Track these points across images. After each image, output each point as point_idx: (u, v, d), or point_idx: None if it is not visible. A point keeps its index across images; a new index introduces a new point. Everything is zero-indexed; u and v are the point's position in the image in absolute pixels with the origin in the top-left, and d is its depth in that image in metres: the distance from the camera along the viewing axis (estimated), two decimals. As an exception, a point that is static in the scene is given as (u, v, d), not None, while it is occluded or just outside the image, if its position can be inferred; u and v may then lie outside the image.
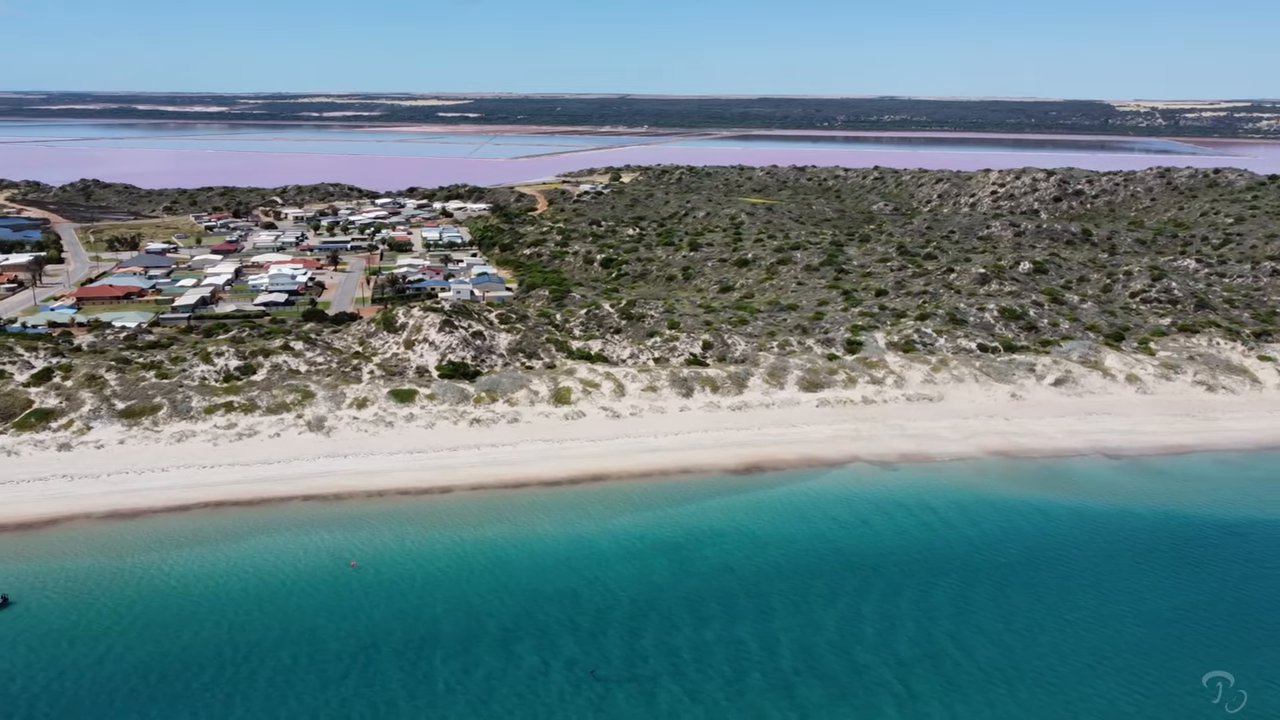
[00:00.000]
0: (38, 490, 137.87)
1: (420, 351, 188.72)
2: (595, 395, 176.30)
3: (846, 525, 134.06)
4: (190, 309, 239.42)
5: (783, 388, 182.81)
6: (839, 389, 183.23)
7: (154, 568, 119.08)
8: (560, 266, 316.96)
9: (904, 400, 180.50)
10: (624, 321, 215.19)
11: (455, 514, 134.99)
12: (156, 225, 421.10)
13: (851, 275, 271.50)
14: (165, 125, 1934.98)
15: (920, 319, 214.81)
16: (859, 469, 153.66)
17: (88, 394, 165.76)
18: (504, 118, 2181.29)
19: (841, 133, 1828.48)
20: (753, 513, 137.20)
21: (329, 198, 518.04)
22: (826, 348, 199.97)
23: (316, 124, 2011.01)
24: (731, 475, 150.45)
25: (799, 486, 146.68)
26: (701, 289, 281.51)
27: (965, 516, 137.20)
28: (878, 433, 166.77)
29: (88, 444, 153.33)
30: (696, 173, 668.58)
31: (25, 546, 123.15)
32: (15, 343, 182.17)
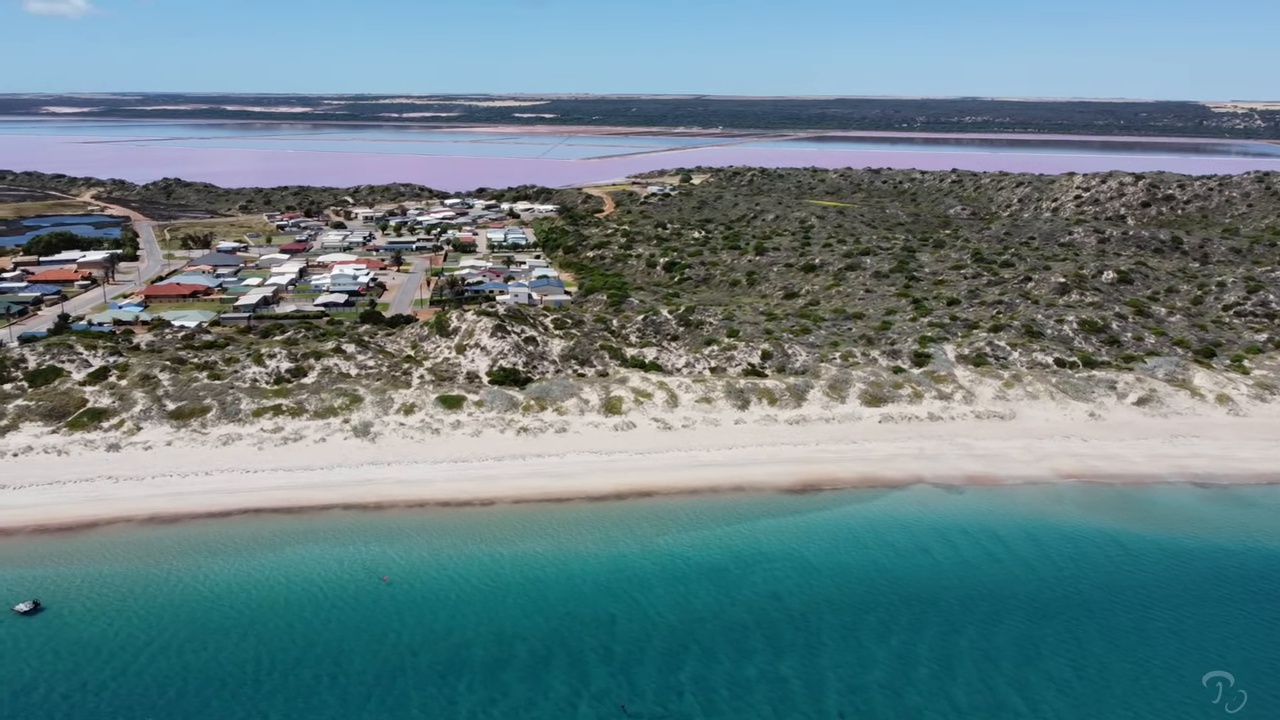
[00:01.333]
0: (82, 491, 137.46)
1: (471, 356, 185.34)
2: (647, 405, 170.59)
3: (905, 553, 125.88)
4: (251, 309, 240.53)
5: (844, 401, 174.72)
6: (903, 404, 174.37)
7: (188, 576, 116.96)
8: (623, 270, 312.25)
9: (973, 418, 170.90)
10: (682, 328, 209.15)
11: (494, 528, 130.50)
12: (231, 224, 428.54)
13: (923, 283, 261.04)
14: (252, 125, 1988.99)
15: (994, 330, 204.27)
16: (921, 491, 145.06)
17: (140, 394, 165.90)
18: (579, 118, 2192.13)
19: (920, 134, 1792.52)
20: (805, 536, 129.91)
21: (399, 198, 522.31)
22: (892, 360, 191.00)
23: (396, 124, 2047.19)
24: (785, 494, 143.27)
25: (856, 509, 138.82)
26: (765, 295, 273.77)
27: (1035, 547, 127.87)
28: (943, 452, 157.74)
29: (136, 445, 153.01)
30: (768, 174, 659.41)
31: (63, 550, 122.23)
32: (77, 341, 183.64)
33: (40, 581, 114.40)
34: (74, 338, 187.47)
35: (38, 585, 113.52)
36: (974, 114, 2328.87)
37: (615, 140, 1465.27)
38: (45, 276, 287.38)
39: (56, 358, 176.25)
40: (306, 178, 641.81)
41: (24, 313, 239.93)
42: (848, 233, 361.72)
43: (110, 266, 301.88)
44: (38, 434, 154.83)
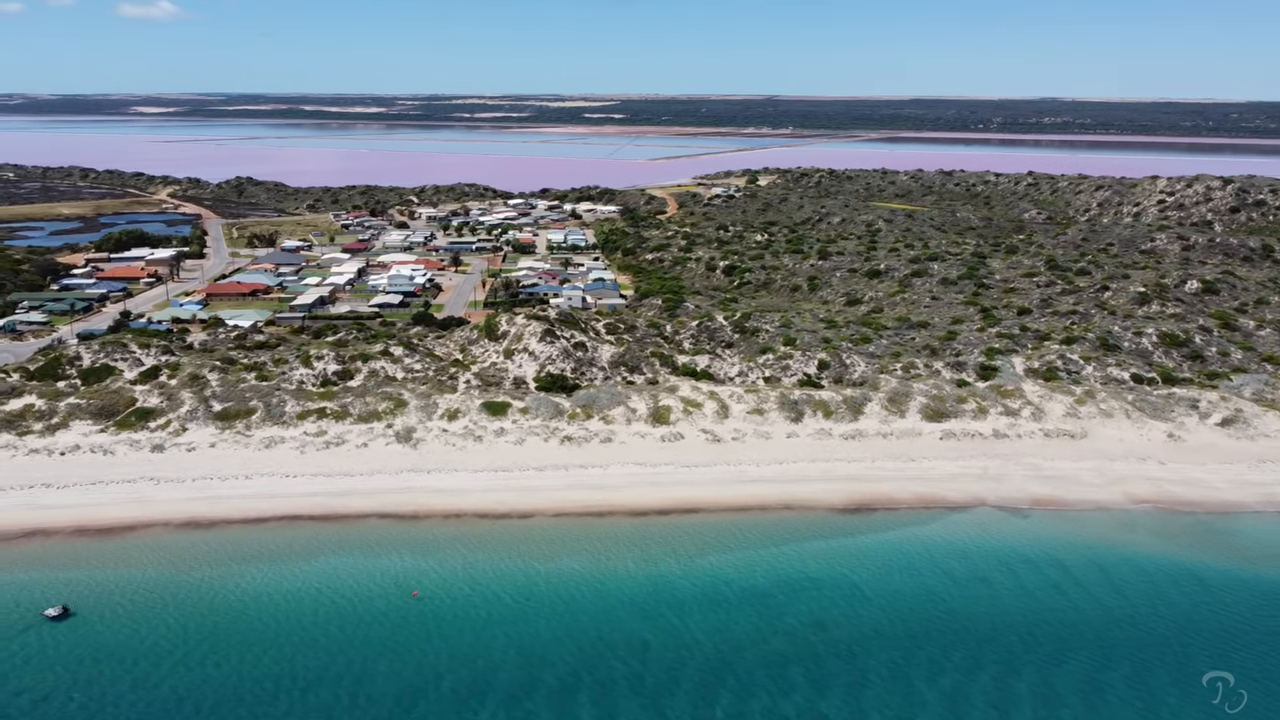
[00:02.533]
0: (124, 493, 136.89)
1: (519, 361, 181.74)
2: (696, 416, 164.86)
3: (962, 582, 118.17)
4: (307, 308, 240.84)
5: (903, 416, 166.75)
6: (967, 420, 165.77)
7: (218, 584, 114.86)
8: (681, 273, 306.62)
9: (1041, 436, 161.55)
10: (737, 335, 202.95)
11: (531, 543, 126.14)
12: (297, 222, 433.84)
13: (992, 291, 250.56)
14: (328, 125, 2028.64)
15: (1066, 343, 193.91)
16: (983, 514, 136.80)
17: (188, 394, 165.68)
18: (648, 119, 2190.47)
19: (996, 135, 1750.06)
20: (856, 560, 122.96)
21: (464, 198, 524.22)
22: (956, 372, 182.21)
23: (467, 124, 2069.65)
24: (837, 514, 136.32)
25: (912, 532, 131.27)
26: (827, 301, 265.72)
27: (1105, 579, 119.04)
28: (1008, 472, 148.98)
29: (180, 446, 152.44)
30: (836, 176, 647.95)
31: (99, 553, 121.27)
32: (132, 339, 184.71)
33: (73, 585, 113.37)
34: (129, 336, 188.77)
35: (70, 589, 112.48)
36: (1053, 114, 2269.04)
37: (683, 141, 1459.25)
38: (113, 273, 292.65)
39: (110, 356, 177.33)
40: (375, 177, 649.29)
41: (89, 309, 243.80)
42: (916, 237, 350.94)
43: (175, 264, 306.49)
44: (86, 433, 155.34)
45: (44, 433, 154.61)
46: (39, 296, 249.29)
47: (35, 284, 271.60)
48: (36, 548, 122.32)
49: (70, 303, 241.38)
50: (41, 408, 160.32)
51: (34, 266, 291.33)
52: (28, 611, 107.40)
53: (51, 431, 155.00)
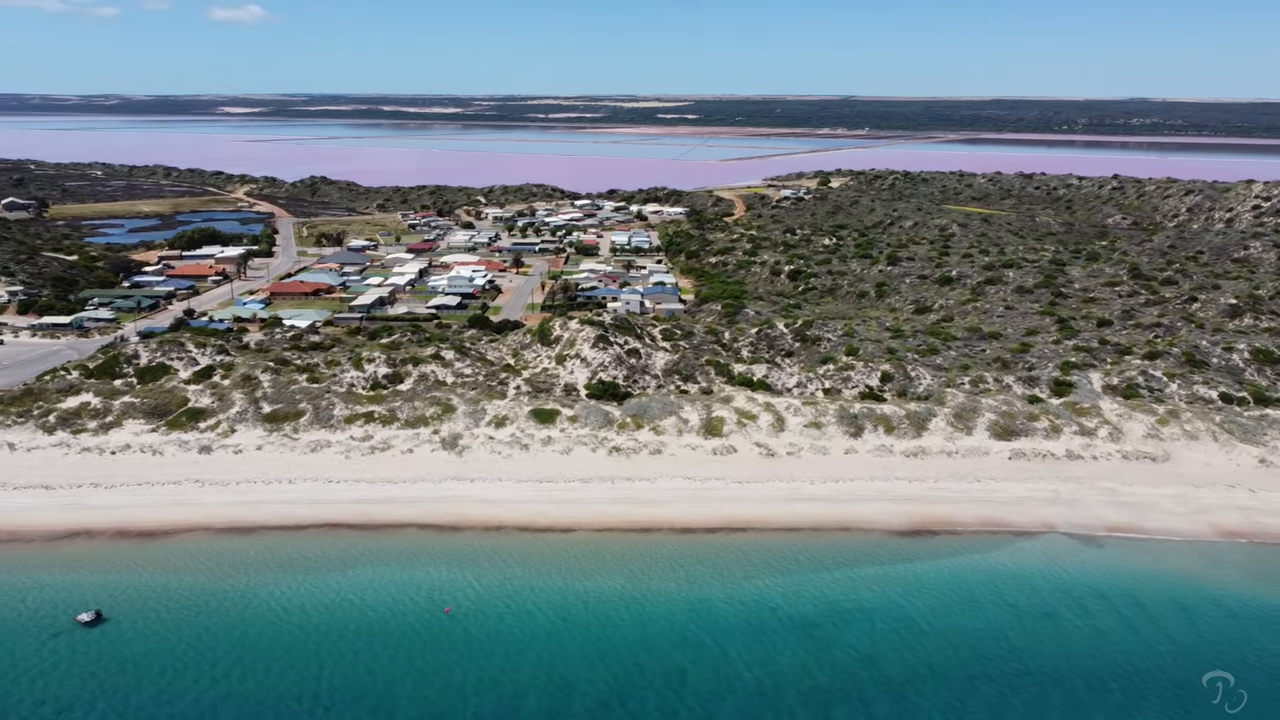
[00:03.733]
0: (168, 495, 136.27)
1: (571, 368, 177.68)
2: (751, 428, 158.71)
3: (1027, 616, 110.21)
4: (366, 309, 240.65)
5: (970, 433, 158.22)
6: (1038, 439, 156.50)
7: (252, 593, 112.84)
8: (745, 277, 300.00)
9: (1118, 458, 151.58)
10: (798, 344, 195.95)
11: (571, 559, 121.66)
12: (366, 221, 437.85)
13: (1070, 300, 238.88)
14: (405, 125, 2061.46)
15: (1149, 357, 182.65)
16: (1052, 541, 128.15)
17: (240, 395, 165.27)
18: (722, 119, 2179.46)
19: (1081, 137, 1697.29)
20: (912, 589, 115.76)
21: (531, 198, 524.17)
22: (1028, 387, 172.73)
23: (541, 125, 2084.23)
24: (895, 537, 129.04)
25: (974, 559, 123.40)
26: (895, 308, 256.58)
27: (1185, 618, 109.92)
28: (1081, 496, 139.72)
29: (227, 447, 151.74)
30: (911, 178, 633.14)
31: (137, 556, 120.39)
32: (189, 339, 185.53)
33: (108, 589, 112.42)
34: (187, 335, 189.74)
35: (106, 593, 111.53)
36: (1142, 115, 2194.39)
37: (755, 142, 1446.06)
38: (183, 271, 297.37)
39: (167, 355, 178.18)
40: (445, 177, 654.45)
41: (155, 307, 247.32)
42: (991, 242, 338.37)
43: (243, 262, 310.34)
44: (138, 432, 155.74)
45: (97, 431, 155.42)
46: (109, 293, 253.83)
47: (108, 281, 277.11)
48: (78, 549, 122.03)
49: (137, 300, 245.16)
50: (97, 406, 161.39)
51: (108, 263, 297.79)
52: (61, 615, 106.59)
53: (105, 430, 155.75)
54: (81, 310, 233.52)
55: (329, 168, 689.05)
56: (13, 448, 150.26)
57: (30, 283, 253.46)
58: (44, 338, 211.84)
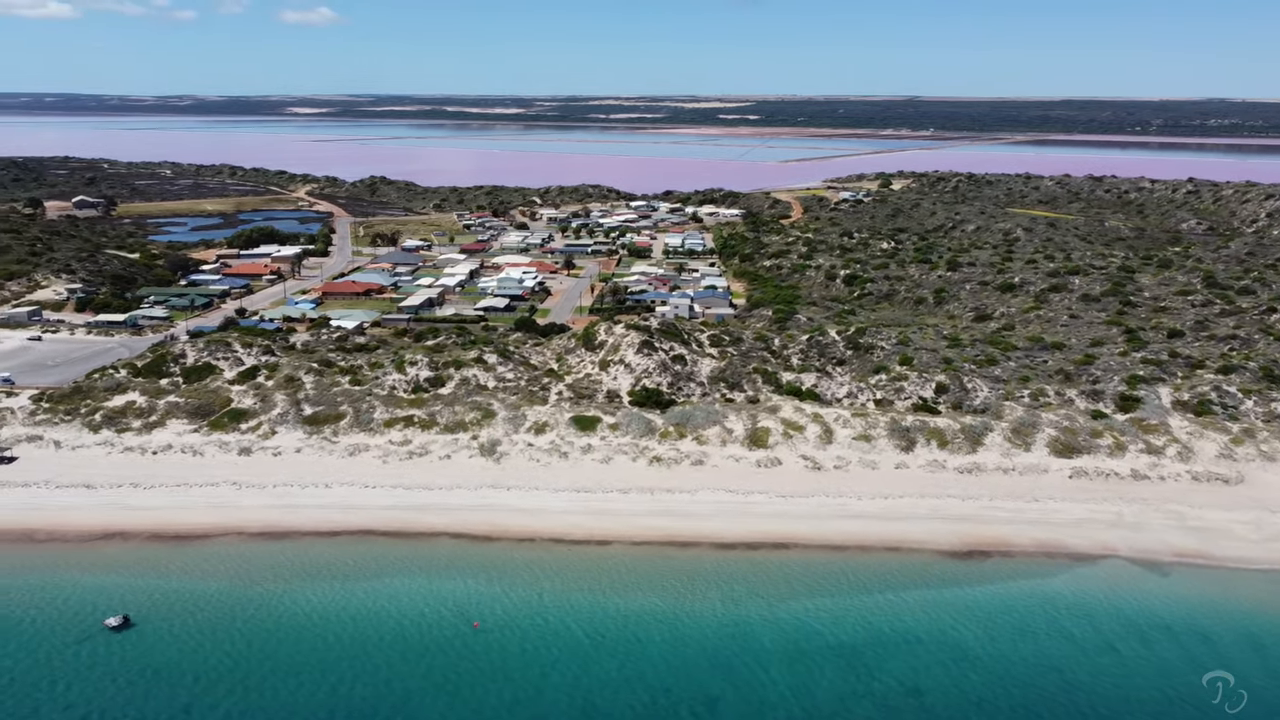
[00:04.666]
0: (205, 497, 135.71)
1: (614, 374, 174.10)
2: (797, 440, 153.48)
3: (1085, 648, 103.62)
4: (414, 310, 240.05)
5: (1028, 449, 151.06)
6: (1101, 457, 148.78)
7: (281, 601, 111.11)
8: (799, 282, 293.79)
9: (1188, 479, 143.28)
10: (850, 352, 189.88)
11: (606, 573, 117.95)
12: (422, 221, 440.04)
13: (1140, 309, 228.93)
14: (468, 126, 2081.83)
15: (1223, 372, 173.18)
16: (1114, 568, 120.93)
17: (282, 396, 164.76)
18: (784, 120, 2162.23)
19: (1155, 138, 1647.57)
20: (962, 615, 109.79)
21: (586, 199, 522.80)
22: (1092, 401, 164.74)
23: (602, 125, 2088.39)
24: (945, 559, 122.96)
25: (1029, 584, 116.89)
26: (953, 316, 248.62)
27: (1259, 657, 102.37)
28: (1146, 520, 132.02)
29: (267, 450, 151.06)
30: (975, 180, 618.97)
31: (170, 560, 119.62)
32: (236, 338, 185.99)
33: (139, 593, 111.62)
34: (235, 334, 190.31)
35: (136, 597, 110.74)
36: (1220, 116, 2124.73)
37: (817, 143, 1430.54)
38: (239, 270, 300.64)
39: (214, 354, 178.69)
40: (503, 177, 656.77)
41: (209, 305, 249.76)
42: (1057, 247, 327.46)
43: (297, 262, 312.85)
44: (180, 432, 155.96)
45: (141, 430, 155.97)
46: (165, 291, 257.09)
47: (165, 279, 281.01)
48: (113, 550, 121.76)
49: (191, 298, 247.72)
50: (142, 405, 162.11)
51: (167, 261, 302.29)
52: (89, 619, 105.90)
53: (148, 430, 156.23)
54: (137, 308, 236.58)
55: (389, 168, 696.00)
56: (58, 445, 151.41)
57: (90, 280, 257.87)
58: (98, 335, 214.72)
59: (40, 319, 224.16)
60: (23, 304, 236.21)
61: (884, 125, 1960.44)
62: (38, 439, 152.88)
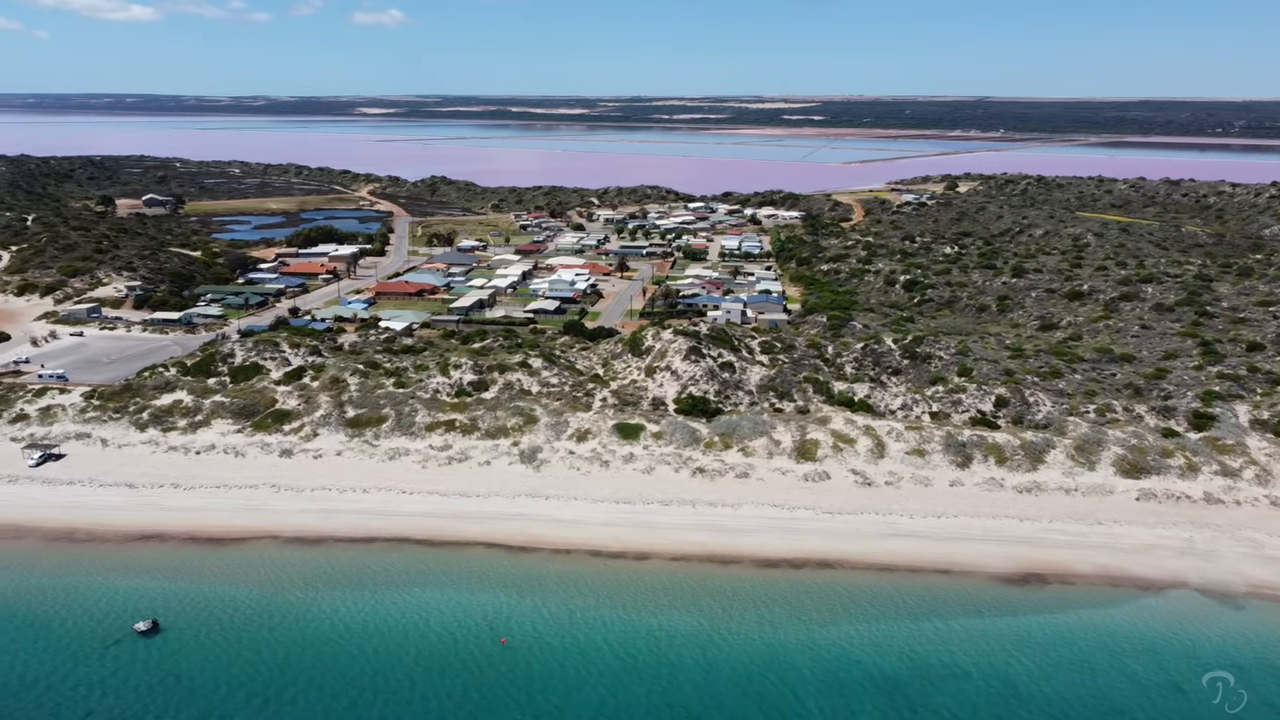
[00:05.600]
0: (243, 499, 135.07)
1: (660, 380, 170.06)
2: (847, 453, 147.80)
3: (1150, 688, 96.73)
4: (464, 312, 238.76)
5: (1092, 468, 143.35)
6: (1171, 478, 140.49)
7: (311, 609, 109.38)
8: (857, 287, 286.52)
9: (1266, 504, 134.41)
10: (906, 361, 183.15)
11: (642, 590, 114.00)
12: (479, 221, 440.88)
13: (1217, 321, 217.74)
14: (532, 126, 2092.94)
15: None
16: (1183, 599, 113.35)
17: (326, 398, 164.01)
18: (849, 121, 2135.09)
19: (1237, 140, 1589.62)
20: (1016, 647, 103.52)
21: (644, 200, 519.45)
22: (1163, 419, 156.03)
23: (665, 126, 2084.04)
24: (999, 584, 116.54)
25: (1089, 615, 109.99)
26: (1017, 325, 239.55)
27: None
28: (1220, 548, 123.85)
29: (308, 452, 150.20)
30: (1045, 183, 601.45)
31: (204, 564, 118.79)
32: (284, 339, 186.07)
33: (170, 597, 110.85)
34: (283, 334, 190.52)
35: (167, 601, 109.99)
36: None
37: (882, 144, 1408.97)
38: (296, 269, 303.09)
39: (261, 354, 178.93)
40: (562, 178, 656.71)
41: (263, 304, 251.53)
42: (1130, 254, 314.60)
43: (353, 261, 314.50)
44: (224, 432, 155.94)
45: (186, 430, 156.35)
46: (221, 290, 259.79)
47: (223, 277, 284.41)
48: (148, 553, 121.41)
49: (245, 297, 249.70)
50: (188, 404, 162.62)
51: (227, 260, 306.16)
52: (119, 622, 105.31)
53: (193, 429, 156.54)
54: (193, 306, 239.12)
55: (451, 168, 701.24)
56: (105, 444, 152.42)
57: (150, 278, 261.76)
58: (153, 333, 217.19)
59: (99, 316, 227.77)
60: (84, 301, 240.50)
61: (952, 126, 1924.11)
62: (86, 436, 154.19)
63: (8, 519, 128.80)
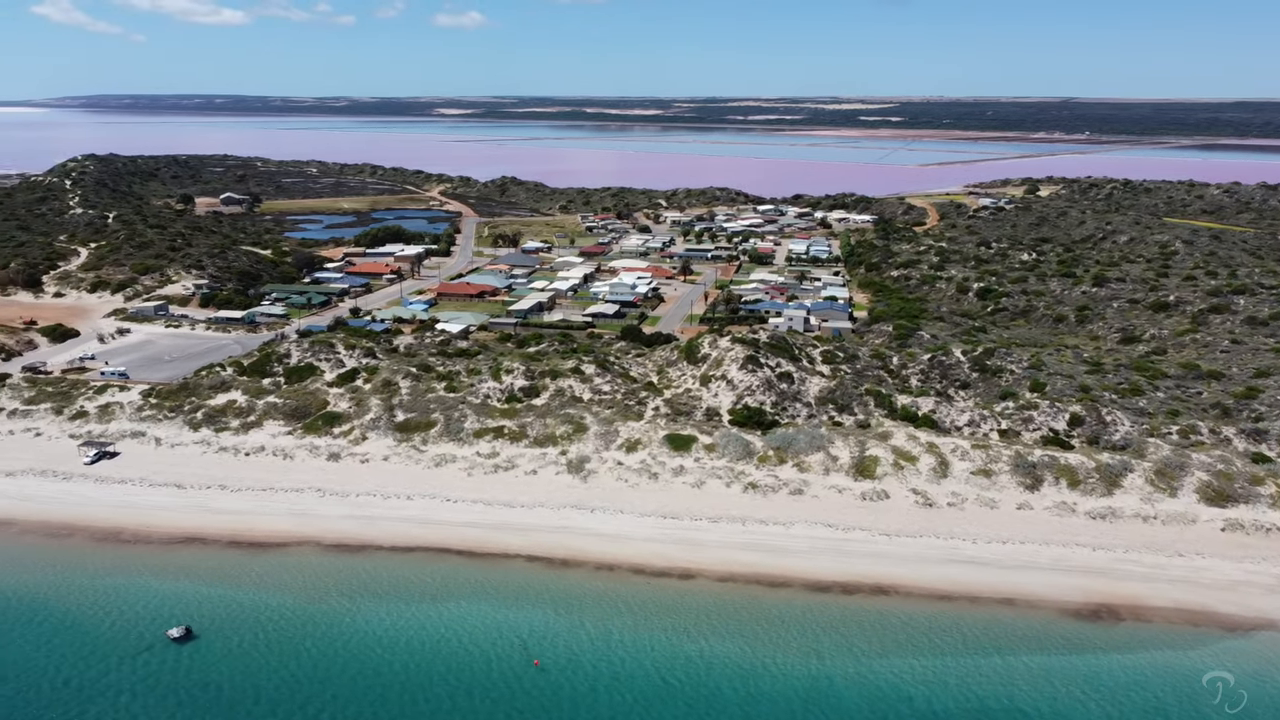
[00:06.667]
0: (287, 504, 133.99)
1: (715, 390, 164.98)
2: (908, 471, 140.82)
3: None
4: (523, 314, 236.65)
5: (1173, 495, 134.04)
6: (1261, 508, 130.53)
7: (346, 620, 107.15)
8: (928, 294, 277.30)
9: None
10: (975, 374, 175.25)
11: (685, 613, 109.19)
12: (546, 223, 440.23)
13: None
14: (606, 127, 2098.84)
15: None
16: (1273, 643, 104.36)
17: (377, 401, 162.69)
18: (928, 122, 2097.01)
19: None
20: (1085, 688, 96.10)
21: (713, 202, 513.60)
22: (1253, 442, 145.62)
23: (739, 127, 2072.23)
24: (1068, 619, 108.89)
25: (1166, 657, 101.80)
26: (1096, 337, 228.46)
27: None
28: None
29: (355, 456, 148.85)
30: (1132, 188, 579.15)
31: (244, 569, 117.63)
32: (340, 340, 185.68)
33: (207, 602, 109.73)
34: (340, 336, 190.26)
35: (203, 606, 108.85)
36: None
37: (961, 146, 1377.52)
38: (362, 269, 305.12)
39: (316, 355, 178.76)
40: (633, 179, 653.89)
41: (326, 304, 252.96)
42: (1221, 263, 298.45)
43: (417, 262, 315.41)
44: (275, 434, 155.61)
45: (238, 430, 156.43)
46: (286, 289, 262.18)
47: (289, 276, 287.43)
48: (189, 556, 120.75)
49: (308, 297, 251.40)
50: (242, 404, 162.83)
51: (295, 258, 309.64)
52: (153, 628, 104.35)
53: (245, 430, 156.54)
54: (257, 305, 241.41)
55: (522, 168, 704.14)
56: (158, 443, 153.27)
57: (218, 276, 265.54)
58: (216, 331, 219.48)
59: (166, 313, 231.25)
60: (152, 298, 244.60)
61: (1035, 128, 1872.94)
62: (140, 435, 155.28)
63: (58, 517, 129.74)
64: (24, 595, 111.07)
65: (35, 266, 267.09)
